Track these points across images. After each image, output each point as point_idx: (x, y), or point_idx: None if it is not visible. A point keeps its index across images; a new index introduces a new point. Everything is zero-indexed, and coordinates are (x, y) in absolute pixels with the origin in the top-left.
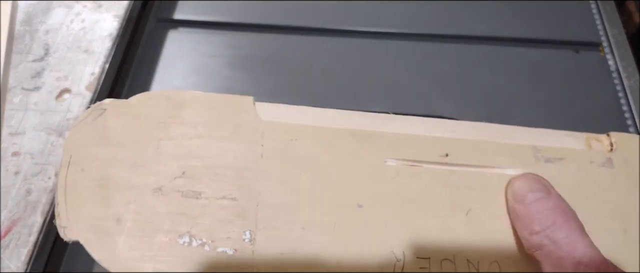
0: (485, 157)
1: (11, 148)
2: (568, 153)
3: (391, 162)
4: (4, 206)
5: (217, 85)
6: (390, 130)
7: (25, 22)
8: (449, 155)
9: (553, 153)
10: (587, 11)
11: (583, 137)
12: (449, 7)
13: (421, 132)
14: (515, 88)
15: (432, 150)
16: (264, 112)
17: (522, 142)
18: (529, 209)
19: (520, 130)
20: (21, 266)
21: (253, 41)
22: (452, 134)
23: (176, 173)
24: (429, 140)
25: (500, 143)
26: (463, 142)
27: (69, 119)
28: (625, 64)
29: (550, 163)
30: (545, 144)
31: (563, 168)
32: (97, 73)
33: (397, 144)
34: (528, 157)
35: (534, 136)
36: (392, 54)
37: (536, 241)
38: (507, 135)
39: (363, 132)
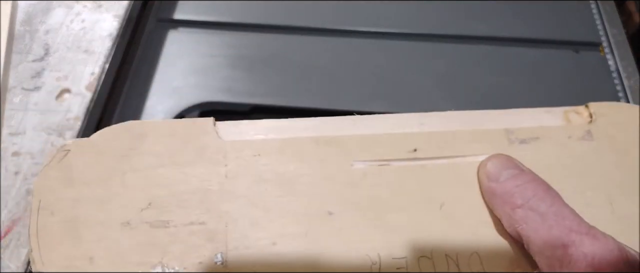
0: (455, 146)
1: (11, 148)
2: (544, 132)
3: (358, 165)
4: (4, 206)
5: (217, 85)
6: (355, 131)
7: (25, 22)
8: (417, 150)
9: (527, 133)
10: (587, 11)
11: (561, 112)
12: (449, 7)
13: (388, 129)
14: (515, 88)
15: (399, 147)
16: (225, 132)
17: (495, 126)
18: (506, 186)
19: (493, 114)
20: (21, 266)
21: (253, 41)
22: (420, 127)
23: (142, 204)
24: (396, 137)
25: (470, 130)
26: (432, 135)
27: (69, 118)
28: (625, 64)
29: (525, 144)
30: (520, 125)
31: (539, 148)
32: (97, 73)
33: (363, 145)
34: (501, 141)
35: (508, 118)
36: (392, 54)
37: (520, 215)
38: (479, 120)
39: (327, 138)
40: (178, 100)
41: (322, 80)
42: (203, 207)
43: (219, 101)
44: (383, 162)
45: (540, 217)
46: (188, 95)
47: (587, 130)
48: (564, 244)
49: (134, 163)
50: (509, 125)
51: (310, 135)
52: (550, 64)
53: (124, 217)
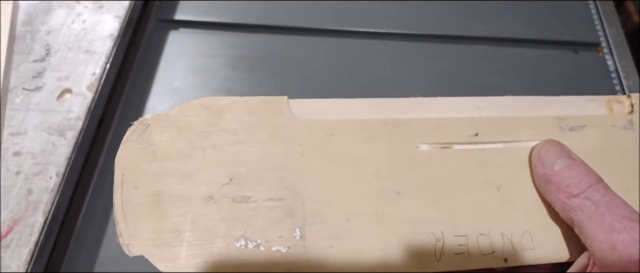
0: (512, 132)
1: (12, 148)
2: (590, 120)
3: (423, 147)
4: (5, 206)
5: (217, 85)
6: (421, 114)
7: (26, 23)
8: (478, 134)
9: (576, 121)
10: (586, 12)
11: (604, 101)
12: (449, 8)
13: (450, 112)
14: (514, 88)
15: (461, 131)
16: (299, 110)
17: (546, 112)
18: (562, 174)
19: (544, 100)
20: (22, 266)
21: (253, 41)
22: (479, 111)
23: (224, 180)
24: (458, 122)
25: (525, 116)
26: (490, 120)
27: (70, 119)
28: (624, 64)
29: (574, 131)
30: (568, 113)
31: (587, 135)
32: (98, 73)
33: (428, 128)
34: (553, 128)
35: (557, 105)
36: (392, 54)
37: (576, 203)
38: (532, 106)
39: (395, 121)
40: (179, 100)
41: (322, 80)
42: (281, 184)
43: None
44: (446, 144)
45: (595, 206)
46: (188, 95)
47: (629, 119)
48: (616, 230)
49: (214, 140)
50: (559, 113)
51: (380, 117)
52: (550, 64)
53: (206, 192)
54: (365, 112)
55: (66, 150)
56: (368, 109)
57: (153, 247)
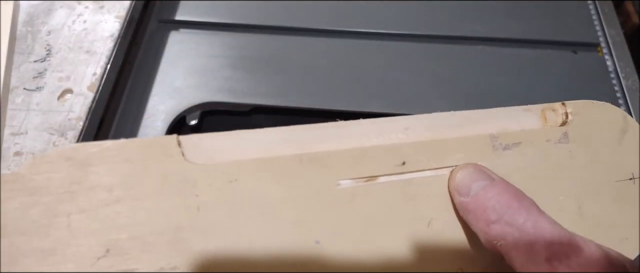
0: (442, 156)
1: (13, 148)
2: (525, 136)
3: (345, 183)
4: None
5: (218, 86)
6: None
7: (27, 23)
8: (405, 163)
9: (510, 138)
10: (585, 12)
11: (539, 110)
12: (448, 9)
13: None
14: (513, 88)
15: (387, 160)
16: (192, 152)
17: (479, 130)
18: (478, 199)
19: (476, 115)
20: None
21: (254, 42)
22: (405, 133)
23: (98, 252)
24: (383, 150)
25: (456, 138)
26: (418, 145)
27: (71, 119)
28: (623, 64)
29: (508, 150)
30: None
31: (521, 153)
32: (98, 73)
33: (350, 160)
34: (486, 148)
35: (491, 119)
36: (392, 54)
37: (496, 231)
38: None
39: (311, 156)
40: (179, 100)
41: (322, 80)
42: (174, 249)
43: (219, 101)
44: (370, 178)
45: (518, 232)
46: (189, 96)
47: (564, 132)
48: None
49: (81, 202)
50: (491, 130)
51: (293, 152)
52: (549, 64)
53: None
54: (275, 146)
55: None
56: (278, 142)
57: None
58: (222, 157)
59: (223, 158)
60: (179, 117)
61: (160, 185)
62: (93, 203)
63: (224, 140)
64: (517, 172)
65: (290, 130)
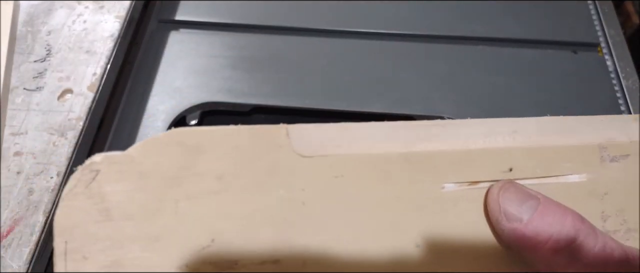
0: (549, 164)
1: (13, 148)
2: (633, 148)
3: (449, 187)
4: (6, 206)
5: (218, 86)
6: (446, 143)
7: (27, 23)
8: (512, 169)
9: (619, 150)
10: (585, 12)
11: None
12: (448, 9)
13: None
14: (513, 89)
15: (493, 165)
16: (300, 142)
17: (588, 137)
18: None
19: (585, 121)
20: (23, 265)
21: (254, 42)
22: (513, 136)
23: (204, 241)
24: (490, 153)
25: (565, 146)
26: (527, 151)
27: (71, 119)
28: (623, 64)
29: (615, 162)
30: (612, 138)
31: (628, 167)
32: (99, 73)
33: (456, 163)
34: (594, 158)
35: (599, 126)
36: (392, 54)
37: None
38: (573, 129)
39: (417, 155)
40: (179, 100)
41: (322, 80)
42: (277, 242)
43: (220, 101)
44: (475, 183)
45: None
46: (189, 96)
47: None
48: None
49: (189, 188)
50: (602, 139)
51: (399, 150)
52: (549, 64)
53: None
54: (381, 141)
55: (67, 150)
56: (384, 137)
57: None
58: (329, 149)
59: (330, 151)
60: (179, 117)
61: (268, 177)
62: (201, 190)
63: (330, 132)
64: (622, 186)
65: (397, 126)
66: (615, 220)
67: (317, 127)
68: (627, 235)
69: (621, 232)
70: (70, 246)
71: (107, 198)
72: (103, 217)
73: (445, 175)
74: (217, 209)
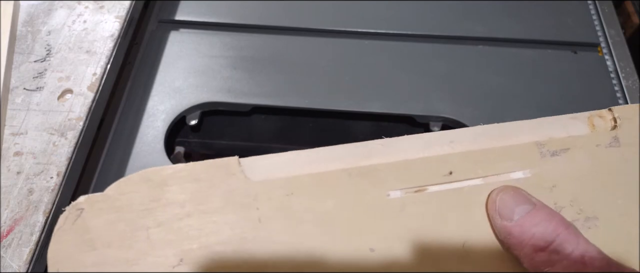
0: (490, 165)
1: (13, 148)
2: (573, 142)
3: (394, 194)
4: (6, 205)
5: (218, 86)
6: (387, 158)
7: (27, 23)
8: (452, 172)
9: (558, 145)
10: (585, 12)
11: (585, 118)
12: (448, 9)
13: (419, 151)
14: (513, 88)
15: (434, 171)
16: (252, 171)
17: (525, 139)
18: (523, 225)
19: (520, 126)
20: (23, 265)
21: (253, 42)
22: (451, 146)
23: (173, 261)
24: (429, 161)
25: (502, 147)
26: (464, 155)
27: (71, 119)
28: (623, 64)
29: (557, 156)
30: (549, 136)
31: (570, 159)
32: (99, 73)
33: (397, 172)
34: (533, 155)
35: (536, 129)
36: (392, 54)
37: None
38: (509, 133)
39: (359, 169)
40: (179, 100)
41: (322, 80)
42: (239, 258)
43: (219, 101)
44: (419, 188)
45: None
46: (189, 96)
47: (614, 136)
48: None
49: (158, 217)
50: (538, 138)
51: (342, 167)
52: (549, 64)
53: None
54: (325, 163)
55: (67, 150)
56: (328, 160)
57: None
58: (278, 174)
59: (279, 174)
60: (179, 117)
61: (225, 201)
62: (168, 217)
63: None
64: (569, 177)
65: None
66: (571, 210)
67: (265, 157)
68: (588, 223)
69: (580, 221)
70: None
71: (91, 231)
72: (88, 247)
73: (388, 184)
74: (183, 233)
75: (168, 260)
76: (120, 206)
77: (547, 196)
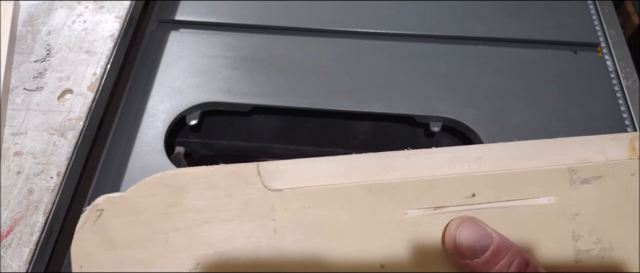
0: (514, 189)
1: (13, 148)
2: (606, 169)
3: (412, 212)
4: (5, 206)
5: (217, 86)
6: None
7: (27, 23)
8: (475, 195)
9: (591, 172)
10: (585, 12)
11: (627, 140)
12: (448, 9)
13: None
14: (513, 88)
15: (456, 192)
16: (270, 178)
17: (558, 161)
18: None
19: (555, 144)
20: (23, 265)
21: (253, 42)
22: (478, 162)
23: (190, 266)
24: (452, 181)
25: (531, 170)
26: (490, 177)
27: (71, 119)
28: (623, 64)
29: (587, 184)
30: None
31: (601, 188)
32: (99, 73)
33: (418, 191)
34: (563, 181)
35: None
36: (392, 54)
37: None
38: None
39: (379, 185)
40: (179, 100)
41: (322, 80)
42: (252, 266)
43: (219, 101)
44: (438, 208)
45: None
46: (189, 96)
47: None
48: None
49: (177, 222)
50: (572, 161)
51: (362, 182)
52: (549, 64)
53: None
54: (345, 174)
55: (67, 150)
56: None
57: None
58: (297, 183)
59: (297, 183)
60: (179, 117)
61: (242, 209)
62: (186, 223)
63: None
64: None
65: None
66: (588, 240)
67: (285, 164)
68: (602, 253)
69: (595, 251)
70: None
71: (110, 231)
72: (108, 246)
73: (407, 202)
74: (200, 239)
75: (185, 263)
76: (139, 209)
77: (566, 224)
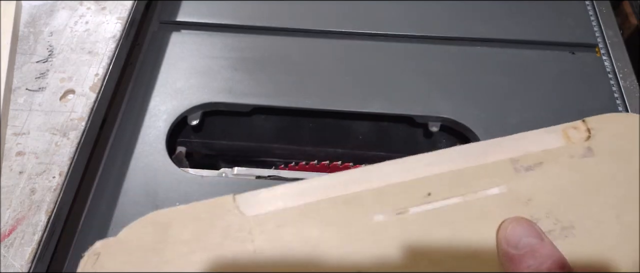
0: (466, 184)
1: (15, 148)
2: (546, 156)
3: (378, 217)
4: (8, 205)
5: (219, 86)
6: (369, 184)
7: (29, 24)
8: (430, 194)
9: (531, 160)
10: (583, 13)
11: (560, 130)
12: (448, 10)
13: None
14: (512, 88)
15: (413, 193)
16: (246, 206)
17: (499, 156)
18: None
19: (495, 144)
20: (25, 265)
21: (254, 43)
22: (429, 168)
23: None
24: (408, 185)
25: (477, 165)
26: (441, 176)
27: (73, 119)
28: (621, 65)
29: (531, 170)
30: (523, 151)
31: (545, 172)
32: (101, 74)
33: (379, 197)
34: (508, 171)
35: (513, 145)
36: (391, 55)
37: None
38: (485, 152)
39: (343, 197)
40: (181, 101)
41: (322, 81)
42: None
43: (220, 102)
44: (400, 210)
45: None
46: (190, 96)
47: (587, 147)
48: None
49: (165, 255)
50: (513, 154)
51: (327, 197)
52: (547, 64)
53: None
54: (312, 194)
55: (69, 150)
56: (314, 191)
57: None
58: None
59: (271, 207)
60: (181, 117)
61: (224, 235)
62: (173, 255)
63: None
64: (544, 190)
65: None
66: (547, 222)
67: (258, 193)
68: (565, 232)
69: (557, 231)
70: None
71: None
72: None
73: (371, 208)
74: (188, 268)
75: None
76: (131, 248)
77: (523, 210)
